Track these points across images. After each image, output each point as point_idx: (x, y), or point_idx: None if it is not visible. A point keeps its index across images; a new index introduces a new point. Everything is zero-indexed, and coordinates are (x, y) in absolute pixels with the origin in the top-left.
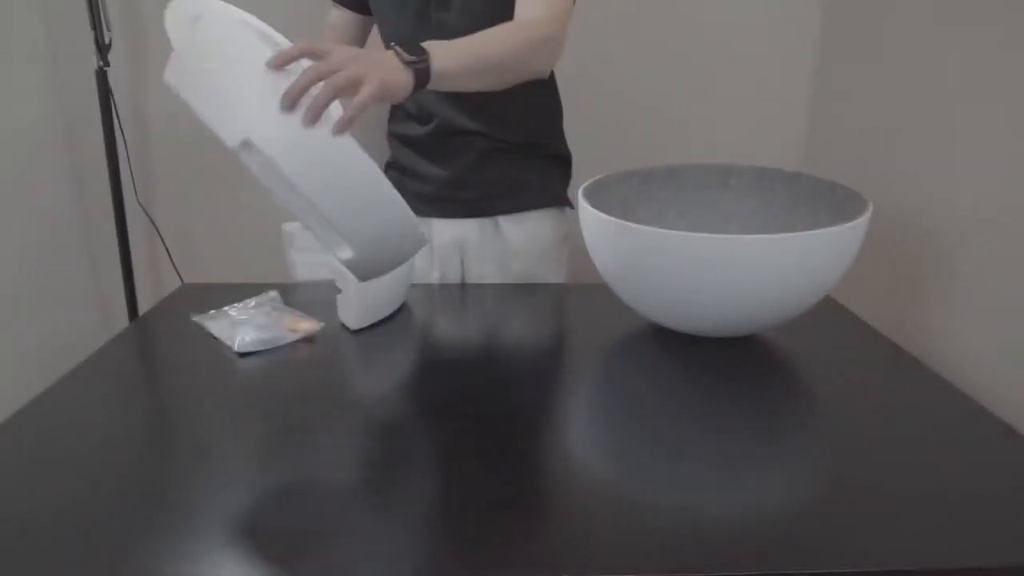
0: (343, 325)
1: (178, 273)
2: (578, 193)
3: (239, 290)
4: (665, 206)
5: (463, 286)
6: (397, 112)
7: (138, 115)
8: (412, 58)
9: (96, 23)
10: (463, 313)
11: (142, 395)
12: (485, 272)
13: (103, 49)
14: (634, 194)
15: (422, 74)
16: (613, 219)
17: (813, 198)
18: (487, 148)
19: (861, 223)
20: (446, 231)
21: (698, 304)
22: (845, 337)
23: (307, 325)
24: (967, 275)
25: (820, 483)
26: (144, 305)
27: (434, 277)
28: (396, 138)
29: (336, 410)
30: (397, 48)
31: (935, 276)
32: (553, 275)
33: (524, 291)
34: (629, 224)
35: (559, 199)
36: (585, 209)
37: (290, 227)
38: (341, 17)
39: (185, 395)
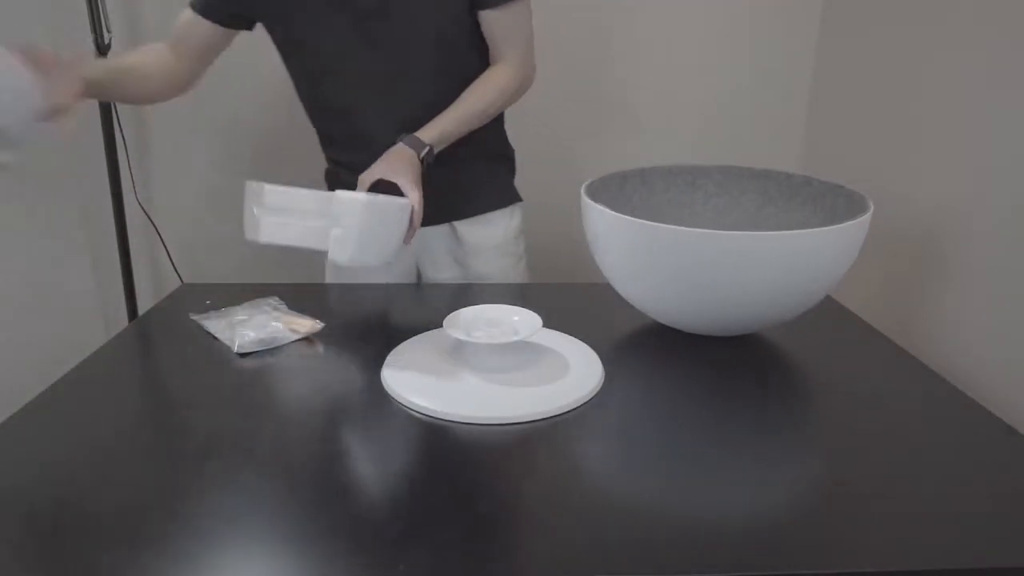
0: (333, 264)
1: (178, 273)
2: (581, 191)
3: (239, 290)
4: (639, 208)
5: (466, 286)
6: (333, 139)
7: (138, 115)
8: (425, 155)
9: (96, 23)
10: None
11: (142, 395)
12: (443, 276)
13: (103, 49)
14: (614, 197)
15: (429, 159)
16: (620, 215)
17: (786, 194)
18: (437, 159)
19: (865, 220)
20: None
21: (702, 300)
22: (845, 337)
23: (307, 325)
24: (967, 275)
25: (820, 483)
26: (144, 305)
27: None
28: (337, 164)
29: (336, 410)
30: (414, 152)
31: (935, 276)
32: (512, 270)
33: (523, 290)
34: (637, 220)
35: (511, 197)
36: (591, 207)
37: (256, 184)
38: (203, 28)
39: (185, 395)
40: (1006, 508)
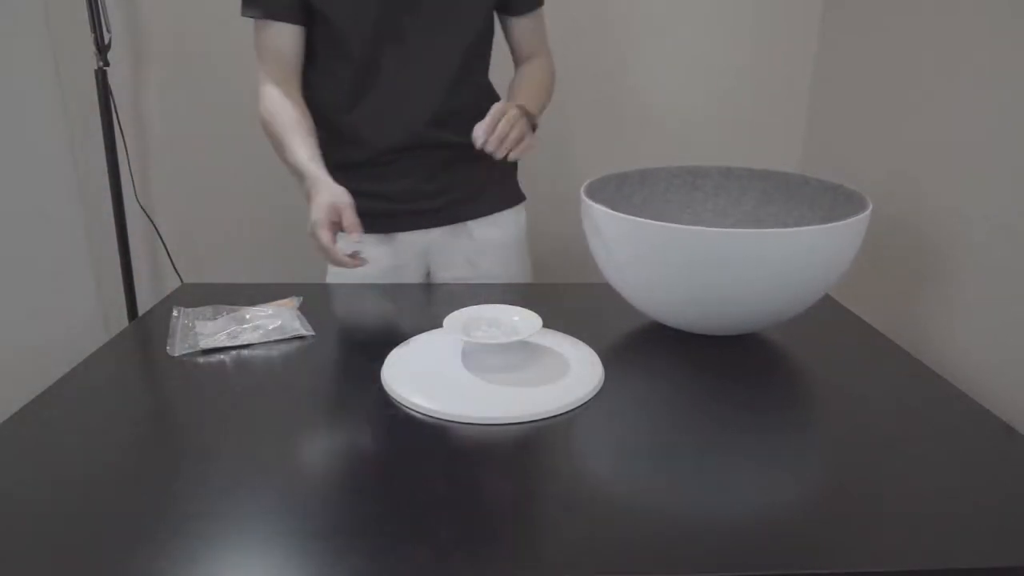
0: None
1: (178, 273)
2: (581, 191)
3: (239, 290)
4: (639, 209)
5: (466, 286)
6: (330, 138)
7: (138, 115)
8: (533, 121)
9: (96, 23)
10: None
11: (142, 395)
12: (454, 274)
13: (103, 49)
14: (613, 197)
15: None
16: (620, 214)
17: (785, 194)
18: (448, 157)
19: (864, 217)
20: (411, 241)
21: (702, 299)
22: (845, 336)
23: (287, 303)
24: (967, 275)
25: (820, 483)
26: (144, 305)
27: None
28: (333, 166)
29: (336, 410)
30: (528, 117)
31: (935, 276)
32: (520, 268)
33: (523, 290)
34: (638, 219)
35: (519, 195)
36: (591, 206)
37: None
38: (287, 35)
39: (185, 395)
40: (1006, 508)
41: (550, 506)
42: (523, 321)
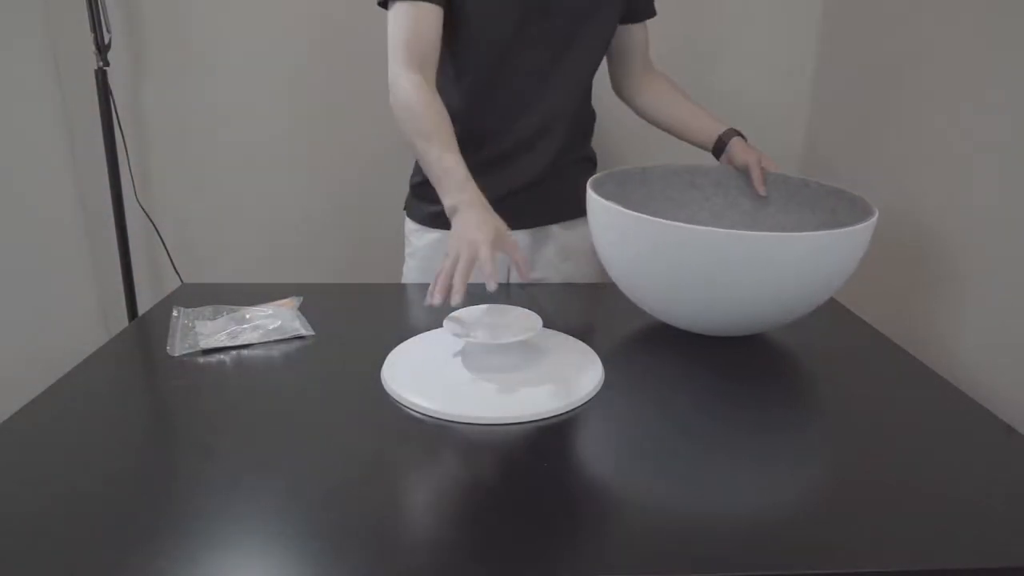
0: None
1: (178, 273)
2: (588, 187)
3: (239, 290)
4: (638, 206)
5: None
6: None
7: (138, 115)
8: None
9: (96, 23)
10: None
11: (142, 395)
12: (534, 276)
13: (103, 49)
14: (614, 194)
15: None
16: (633, 212)
17: (784, 196)
18: (550, 160)
19: (872, 223)
20: None
21: (709, 300)
22: (847, 337)
23: (287, 303)
24: (967, 275)
25: (820, 483)
26: (144, 305)
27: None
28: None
29: (336, 410)
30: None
31: (935, 277)
32: (594, 270)
33: (523, 290)
34: (650, 218)
35: None
36: (600, 203)
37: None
38: (431, 17)
39: (185, 395)
40: (1006, 508)
41: (550, 506)
42: (523, 321)
